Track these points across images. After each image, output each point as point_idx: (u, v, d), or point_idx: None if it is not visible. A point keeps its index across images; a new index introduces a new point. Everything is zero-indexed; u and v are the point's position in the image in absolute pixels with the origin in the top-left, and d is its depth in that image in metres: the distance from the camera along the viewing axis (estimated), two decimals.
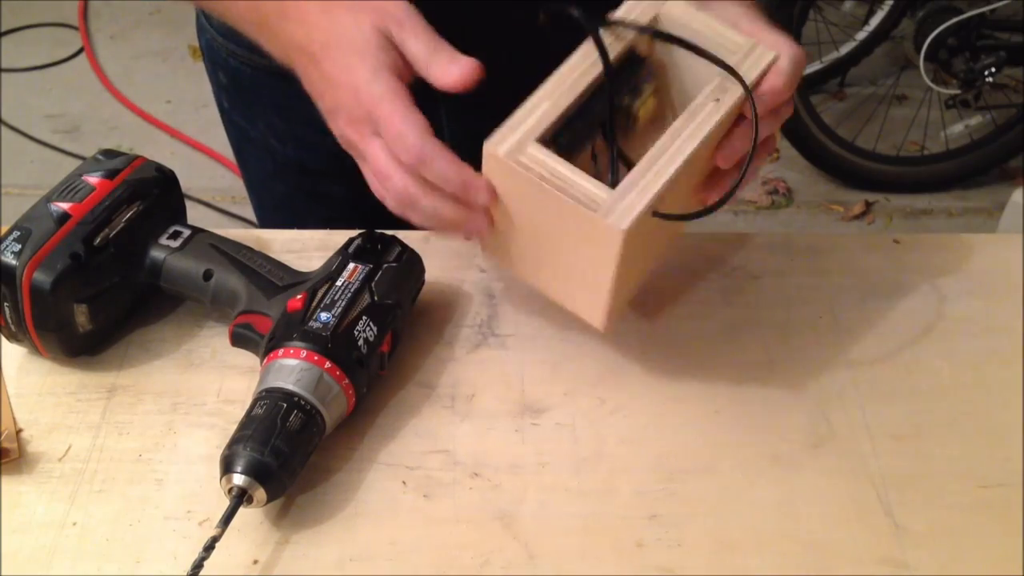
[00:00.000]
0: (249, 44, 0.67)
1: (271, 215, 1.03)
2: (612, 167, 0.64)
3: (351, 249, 0.71)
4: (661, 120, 0.68)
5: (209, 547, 0.57)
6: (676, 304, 0.77)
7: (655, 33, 0.64)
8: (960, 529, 0.64)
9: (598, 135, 0.65)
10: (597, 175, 0.60)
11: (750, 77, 0.63)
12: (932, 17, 2.23)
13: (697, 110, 0.62)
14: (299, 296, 0.67)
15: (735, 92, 0.63)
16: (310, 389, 0.62)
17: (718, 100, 0.62)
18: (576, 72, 0.62)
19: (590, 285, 0.63)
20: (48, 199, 0.70)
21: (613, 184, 0.59)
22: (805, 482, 0.66)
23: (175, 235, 0.72)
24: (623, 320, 0.75)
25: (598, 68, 0.62)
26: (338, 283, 0.67)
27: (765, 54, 0.64)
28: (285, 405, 0.61)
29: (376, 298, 0.67)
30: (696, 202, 0.68)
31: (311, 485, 0.64)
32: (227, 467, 0.59)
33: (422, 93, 0.59)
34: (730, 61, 0.63)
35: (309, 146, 0.63)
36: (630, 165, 0.61)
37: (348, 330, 0.65)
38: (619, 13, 0.65)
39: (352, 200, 0.91)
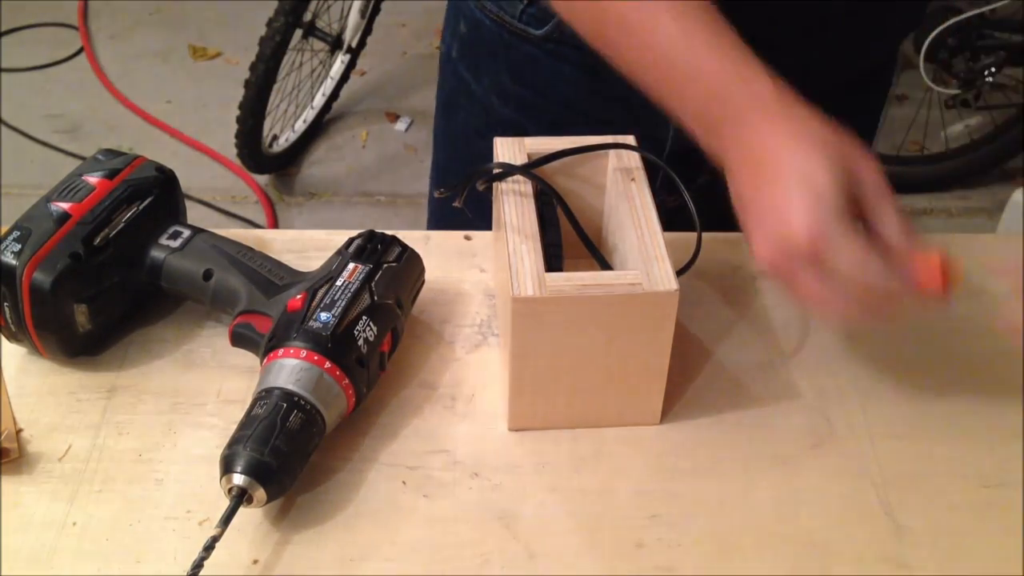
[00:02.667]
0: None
1: (455, 169, 1.02)
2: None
3: (351, 249, 0.71)
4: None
5: (209, 547, 0.57)
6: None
7: (540, 161, 0.71)
8: (960, 529, 0.64)
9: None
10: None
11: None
12: (932, 17, 2.22)
13: (625, 192, 0.70)
14: (299, 296, 0.67)
15: (634, 158, 0.71)
16: (310, 389, 0.62)
17: (633, 179, 0.70)
18: (519, 212, 0.68)
19: (644, 380, 0.67)
20: (48, 199, 0.70)
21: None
22: (805, 482, 0.66)
23: (175, 235, 0.72)
24: None
25: (531, 207, 0.68)
26: (338, 283, 0.67)
27: (627, 138, 0.73)
28: (285, 405, 0.61)
29: (376, 298, 0.67)
30: None
31: (311, 485, 0.64)
32: (227, 467, 0.59)
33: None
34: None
35: (530, 110, 0.64)
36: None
37: (348, 330, 0.65)
38: (498, 170, 0.70)
39: None
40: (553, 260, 0.67)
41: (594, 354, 0.64)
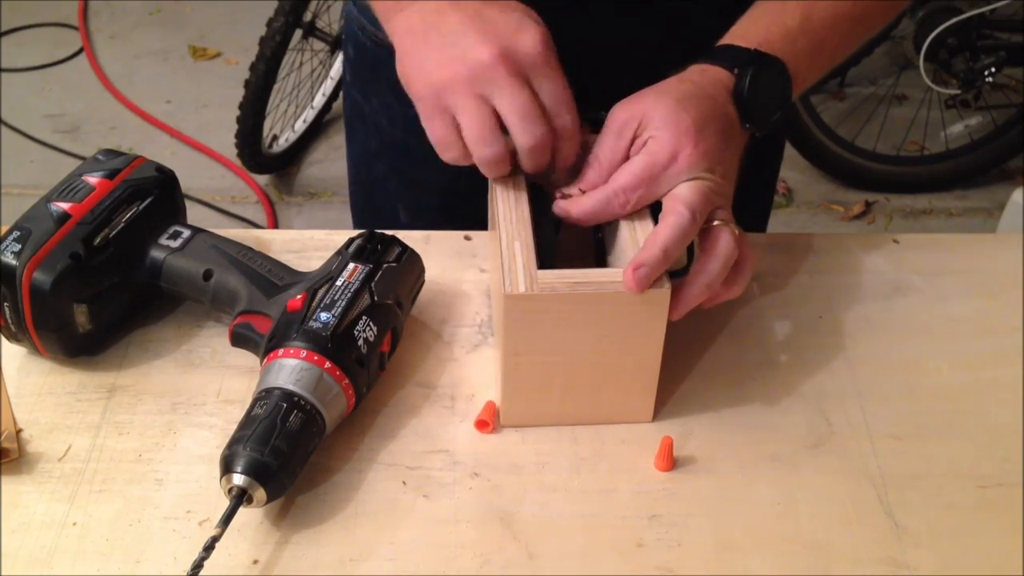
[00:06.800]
0: (377, 20, 0.69)
1: (364, 192, 1.05)
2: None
3: (351, 249, 0.71)
4: None
5: (209, 547, 0.57)
6: None
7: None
8: (960, 529, 0.64)
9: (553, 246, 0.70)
10: None
11: None
12: (932, 17, 2.22)
13: None
14: (299, 296, 0.67)
15: None
16: (310, 389, 0.62)
17: None
18: (512, 209, 0.67)
19: (635, 378, 0.67)
20: (48, 199, 0.70)
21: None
22: (805, 482, 0.66)
23: (175, 235, 0.72)
24: None
25: (525, 204, 0.68)
26: (338, 283, 0.67)
27: None
28: (285, 405, 0.61)
29: (376, 298, 0.67)
30: None
31: (311, 485, 0.64)
32: (227, 467, 0.59)
33: None
34: None
35: (416, 131, 0.66)
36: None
37: (348, 330, 0.65)
38: None
39: (443, 188, 0.93)
40: (546, 258, 0.67)
41: (586, 351, 0.64)
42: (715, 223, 0.65)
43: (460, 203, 0.88)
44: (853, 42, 0.76)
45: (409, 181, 0.96)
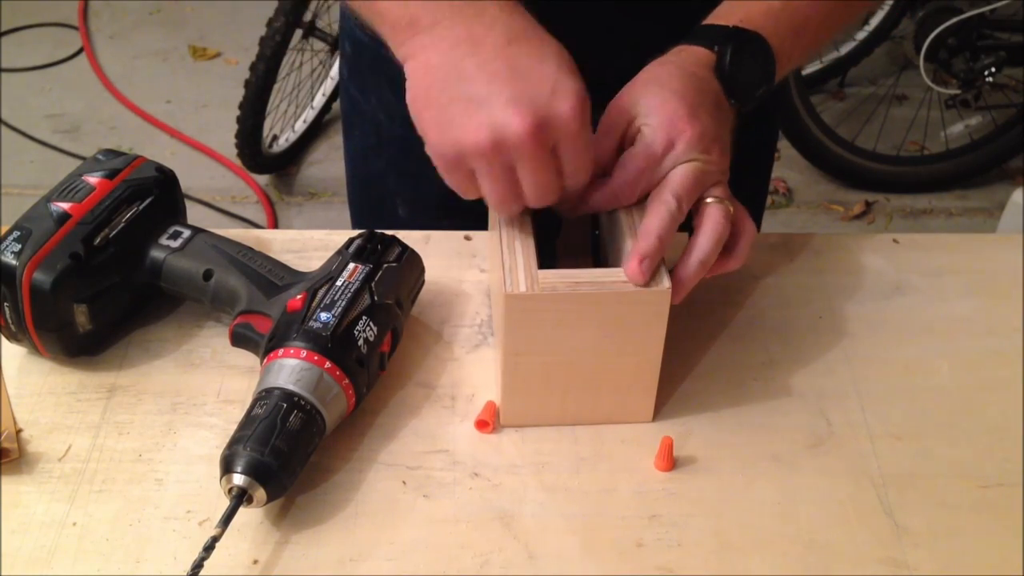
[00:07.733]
0: None
1: (363, 188, 1.05)
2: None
3: (351, 249, 0.71)
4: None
5: (209, 547, 0.57)
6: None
7: None
8: (960, 529, 0.64)
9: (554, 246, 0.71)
10: None
11: None
12: (932, 17, 2.23)
13: None
14: (299, 296, 0.67)
15: None
16: (310, 389, 0.62)
17: None
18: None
19: (635, 378, 0.67)
20: (48, 199, 0.70)
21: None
22: (805, 482, 0.66)
23: (175, 235, 0.72)
24: None
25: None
26: (338, 283, 0.67)
27: None
28: (285, 405, 0.61)
29: (376, 298, 0.67)
30: None
31: (311, 485, 0.64)
32: (227, 467, 0.59)
33: None
34: None
35: (414, 125, 0.64)
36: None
37: (348, 330, 0.65)
38: None
39: (442, 182, 0.93)
40: (547, 257, 0.67)
41: (586, 351, 0.64)
42: (708, 200, 0.65)
43: (460, 198, 0.88)
44: (839, 21, 0.75)
45: (408, 175, 0.96)
